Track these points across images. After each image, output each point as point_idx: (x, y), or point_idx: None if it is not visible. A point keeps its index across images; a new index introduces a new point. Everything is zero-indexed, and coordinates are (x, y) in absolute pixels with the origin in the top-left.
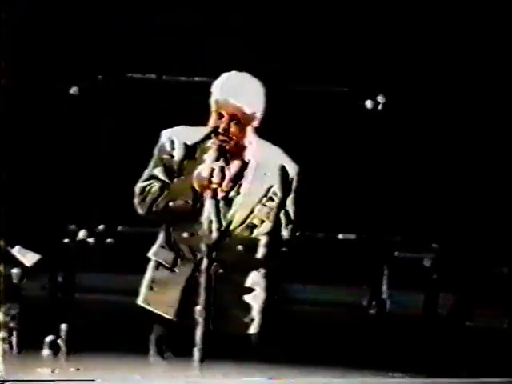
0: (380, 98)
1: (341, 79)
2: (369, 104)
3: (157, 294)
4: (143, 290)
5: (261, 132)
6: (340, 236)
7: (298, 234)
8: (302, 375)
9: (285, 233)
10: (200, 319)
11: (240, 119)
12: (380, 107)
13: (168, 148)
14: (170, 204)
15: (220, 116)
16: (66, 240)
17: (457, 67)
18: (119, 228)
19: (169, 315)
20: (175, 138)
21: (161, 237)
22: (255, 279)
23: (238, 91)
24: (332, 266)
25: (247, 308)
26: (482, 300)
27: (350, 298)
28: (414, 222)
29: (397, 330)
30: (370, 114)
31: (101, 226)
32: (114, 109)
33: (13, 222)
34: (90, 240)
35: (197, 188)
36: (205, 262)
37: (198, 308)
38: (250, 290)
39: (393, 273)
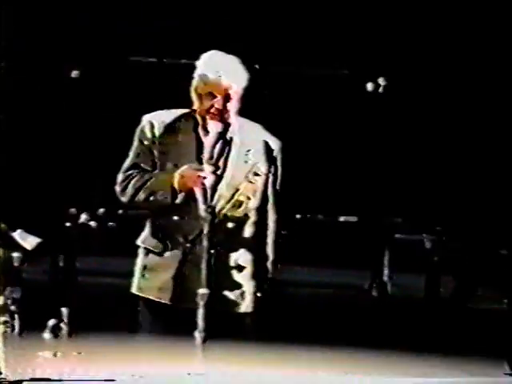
0: (381, 81)
1: (342, 62)
2: (370, 86)
3: (149, 280)
4: (136, 278)
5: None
6: (341, 218)
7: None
8: (303, 359)
9: (272, 210)
10: (202, 302)
11: (232, 98)
12: (381, 89)
13: (148, 132)
14: (151, 198)
15: (212, 96)
16: (68, 224)
17: (457, 51)
18: (120, 211)
19: (163, 300)
20: (155, 121)
21: (148, 223)
22: (245, 257)
23: (228, 70)
24: (333, 249)
25: (237, 286)
26: (484, 282)
27: (352, 280)
28: (415, 204)
29: (398, 312)
30: (372, 96)
31: (102, 210)
32: (115, 92)
33: (14, 206)
34: (92, 223)
35: (176, 187)
36: (205, 243)
37: (201, 291)
38: (240, 269)
39: (394, 255)
